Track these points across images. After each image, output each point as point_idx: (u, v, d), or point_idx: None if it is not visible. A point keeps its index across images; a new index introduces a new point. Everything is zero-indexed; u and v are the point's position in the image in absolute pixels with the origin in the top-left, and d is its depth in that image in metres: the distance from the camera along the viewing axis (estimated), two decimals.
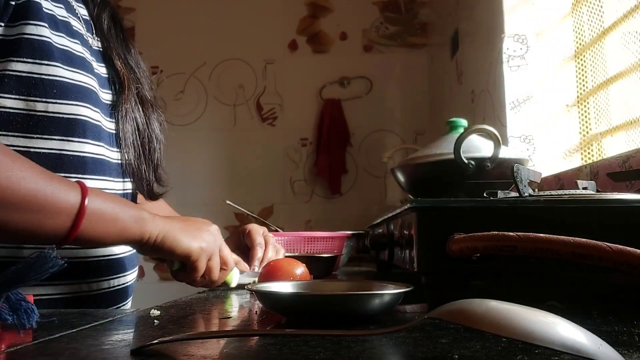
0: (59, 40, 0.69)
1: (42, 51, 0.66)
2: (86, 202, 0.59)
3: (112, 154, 0.78)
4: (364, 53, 2.97)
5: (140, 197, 0.89)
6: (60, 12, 0.72)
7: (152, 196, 0.86)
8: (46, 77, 0.67)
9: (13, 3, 0.65)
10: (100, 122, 0.74)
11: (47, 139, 0.68)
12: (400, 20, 2.97)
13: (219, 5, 2.99)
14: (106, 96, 0.78)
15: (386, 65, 2.94)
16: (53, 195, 0.58)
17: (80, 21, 0.78)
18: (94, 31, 0.82)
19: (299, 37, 2.99)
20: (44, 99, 0.67)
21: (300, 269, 0.71)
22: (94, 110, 0.73)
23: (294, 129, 2.95)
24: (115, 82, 0.80)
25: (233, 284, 0.79)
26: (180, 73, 2.97)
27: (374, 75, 2.94)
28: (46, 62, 0.67)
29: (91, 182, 0.72)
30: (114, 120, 0.79)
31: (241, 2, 3.00)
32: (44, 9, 0.68)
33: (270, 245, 0.94)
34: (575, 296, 0.57)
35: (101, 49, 0.81)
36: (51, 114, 0.67)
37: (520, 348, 0.35)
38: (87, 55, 0.74)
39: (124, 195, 0.81)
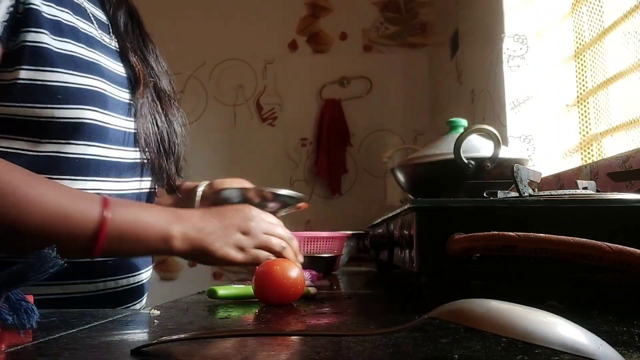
0: (62, 45, 0.69)
1: (43, 58, 0.66)
2: (106, 215, 0.61)
3: (125, 154, 0.76)
4: (364, 53, 2.97)
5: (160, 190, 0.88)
6: (65, 16, 0.72)
7: (172, 191, 0.86)
8: (49, 83, 0.67)
9: (20, 16, 0.66)
10: (108, 123, 0.73)
11: (54, 142, 0.68)
12: (400, 20, 2.97)
13: (218, 5, 2.99)
14: (124, 95, 0.77)
15: (386, 65, 2.94)
16: (77, 216, 0.60)
17: (93, 23, 0.77)
18: (110, 31, 0.82)
19: (299, 37, 2.99)
20: (49, 105, 0.67)
21: (295, 271, 0.63)
22: (102, 113, 0.72)
23: (294, 129, 2.95)
24: (132, 80, 0.79)
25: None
26: (179, 73, 2.97)
27: (374, 75, 2.94)
28: (48, 68, 0.67)
29: (92, 184, 0.72)
30: (133, 119, 0.77)
31: (241, 2, 2.99)
32: (44, 15, 0.68)
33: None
34: (575, 296, 0.57)
35: (118, 49, 0.81)
36: (57, 119, 0.67)
37: (520, 348, 0.35)
38: (97, 57, 0.74)
39: (141, 195, 0.80)
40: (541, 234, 0.44)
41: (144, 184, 0.81)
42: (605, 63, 1.36)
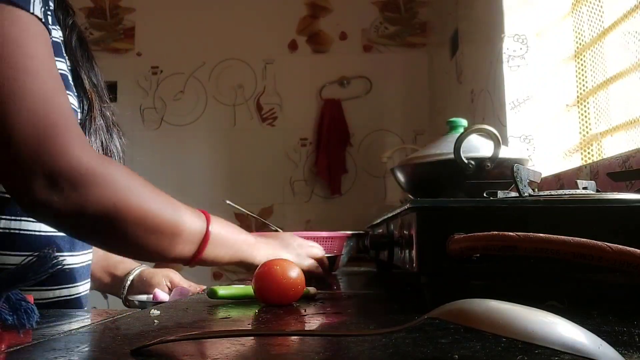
0: (59, 65, 0.72)
1: None
2: (210, 229, 0.73)
3: None
4: (364, 53, 2.97)
5: None
6: (57, 34, 0.75)
7: None
8: None
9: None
10: None
11: None
12: (399, 20, 2.97)
13: (218, 5, 2.99)
14: (79, 115, 0.80)
15: (386, 65, 2.94)
16: (186, 224, 0.70)
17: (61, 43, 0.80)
18: (64, 51, 0.84)
19: (299, 37, 2.99)
20: None
21: (295, 271, 0.63)
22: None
23: (293, 129, 2.95)
24: (83, 100, 0.82)
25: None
26: (179, 73, 2.97)
27: (374, 75, 2.94)
28: None
29: None
30: None
31: (241, 2, 2.99)
32: (52, 38, 0.70)
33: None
34: (575, 296, 0.57)
35: (70, 68, 0.83)
36: None
37: (520, 348, 0.35)
38: (69, 75, 0.77)
39: None
40: (541, 234, 0.44)
41: None
42: (605, 63, 1.36)
